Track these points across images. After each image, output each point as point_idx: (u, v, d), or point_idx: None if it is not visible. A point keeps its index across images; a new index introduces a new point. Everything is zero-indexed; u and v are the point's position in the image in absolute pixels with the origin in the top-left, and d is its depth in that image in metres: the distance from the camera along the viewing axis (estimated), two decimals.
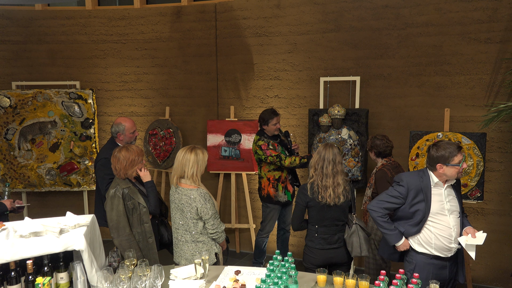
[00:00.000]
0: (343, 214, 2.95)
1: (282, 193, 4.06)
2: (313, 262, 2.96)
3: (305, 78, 4.70)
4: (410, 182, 2.65)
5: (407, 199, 2.65)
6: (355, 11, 4.39)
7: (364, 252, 2.92)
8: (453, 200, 2.66)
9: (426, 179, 2.64)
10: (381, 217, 2.70)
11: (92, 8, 5.28)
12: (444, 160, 2.53)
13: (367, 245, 2.96)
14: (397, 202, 2.69)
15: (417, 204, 2.63)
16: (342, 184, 2.89)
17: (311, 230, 3.00)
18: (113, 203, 2.81)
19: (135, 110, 5.43)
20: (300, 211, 3.01)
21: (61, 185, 5.17)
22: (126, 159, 2.86)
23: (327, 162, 2.90)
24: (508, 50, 3.86)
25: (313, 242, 2.98)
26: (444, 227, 2.60)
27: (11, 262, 2.15)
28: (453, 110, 4.10)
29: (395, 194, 2.69)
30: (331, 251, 2.94)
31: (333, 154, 2.91)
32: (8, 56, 5.29)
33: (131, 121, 3.62)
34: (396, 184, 2.72)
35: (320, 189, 2.88)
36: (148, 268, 2.30)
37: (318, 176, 2.91)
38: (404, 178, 2.68)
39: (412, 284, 2.08)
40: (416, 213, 2.64)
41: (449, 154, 2.52)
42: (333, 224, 2.94)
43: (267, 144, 3.97)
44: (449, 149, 2.52)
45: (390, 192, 2.72)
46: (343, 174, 2.93)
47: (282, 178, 4.04)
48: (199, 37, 5.09)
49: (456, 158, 2.52)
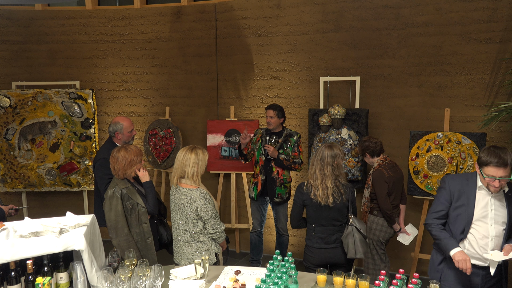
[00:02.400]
0: (340, 214, 2.92)
1: (251, 188, 4.21)
2: (312, 262, 2.97)
3: (305, 78, 4.70)
4: (452, 183, 2.52)
5: (452, 202, 2.50)
6: (355, 11, 4.39)
7: (359, 254, 2.88)
8: (502, 209, 2.42)
9: (472, 182, 2.47)
10: (434, 228, 2.52)
11: (92, 8, 5.28)
12: (480, 163, 2.35)
13: (364, 247, 2.91)
14: (444, 207, 2.53)
15: (459, 208, 2.48)
16: (331, 187, 2.84)
17: (309, 229, 3.01)
18: (111, 203, 2.80)
19: (135, 110, 5.43)
20: (297, 208, 3.01)
21: (61, 185, 5.17)
22: (125, 159, 2.86)
23: (316, 162, 2.90)
24: (508, 50, 3.86)
25: (311, 241, 2.98)
26: (481, 235, 2.43)
27: (11, 262, 2.14)
28: (453, 110, 4.10)
29: (441, 200, 2.54)
30: (329, 251, 2.93)
31: (323, 155, 2.88)
32: (8, 56, 5.28)
33: (128, 120, 3.62)
34: (440, 188, 2.59)
35: (312, 187, 2.89)
36: (148, 268, 2.30)
37: (310, 174, 2.93)
38: (447, 180, 2.55)
39: (412, 284, 2.07)
40: (458, 218, 2.48)
41: (486, 160, 2.32)
42: (331, 224, 2.92)
43: (254, 135, 4.25)
44: (491, 157, 2.30)
45: (436, 198, 2.58)
46: (334, 176, 2.87)
47: (255, 173, 4.18)
48: (199, 37, 5.09)
49: (489, 169, 2.30)
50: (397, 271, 2.29)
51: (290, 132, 4.11)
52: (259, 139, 4.15)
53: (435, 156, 3.96)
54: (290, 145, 4.05)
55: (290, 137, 4.08)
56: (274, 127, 4.06)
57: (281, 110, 4.06)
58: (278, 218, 4.21)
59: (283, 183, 4.08)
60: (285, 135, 4.08)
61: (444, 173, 3.93)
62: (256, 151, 4.16)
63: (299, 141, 4.10)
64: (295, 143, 4.07)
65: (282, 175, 4.07)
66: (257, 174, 4.13)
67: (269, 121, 4.04)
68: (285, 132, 4.09)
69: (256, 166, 4.16)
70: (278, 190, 4.07)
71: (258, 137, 4.18)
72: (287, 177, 4.11)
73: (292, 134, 4.10)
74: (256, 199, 4.17)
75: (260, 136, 4.16)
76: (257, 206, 4.26)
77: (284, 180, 4.08)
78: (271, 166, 4.06)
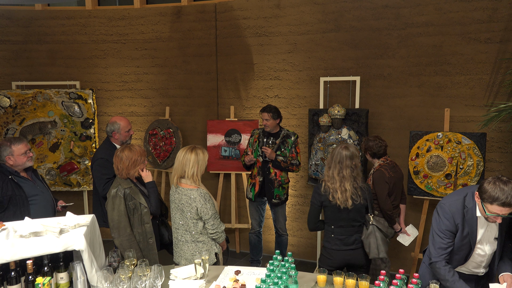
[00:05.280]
0: (359, 215, 2.86)
1: (249, 189, 4.18)
2: (329, 264, 2.86)
3: (305, 78, 4.70)
4: (456, 215, 2.32)
5: (457, 233, 2.34)
6: (355, 11, 4.39)
7: (382, 254, 2.83)
8: (494, 225, 2.33)
9: (471, 211, 2.29)
10: (442, 269, 2.32)
11: (92, 8, 5.28)
12: (484, 198, 2.15)
13: (385, 246, 2.86)
14: (451, 241, 2.36)
15: (465, 238, 2.34)
16: (350, 189, 2.78)
17: (327, 231, 2.91)
18: (114, 203, 2.81)
19: (135, 110, 5.43)
20: (315, 210, 2.92)
21: (61, 185, 5.17)
22: (129, 159, 2.86)
23: (334, 165, 2.81)
24: (508, 50, 3.86)
25: (329, 243, 2.89)
26: (478, 256, 2.38)
27: (11, 262, 2.14)
28: (453, 110, 4.10)
29: (446, 234, 2.34)
30: (348, 252, 2.85)
31: (340, 157, 2.79)
32: (8, 56, 5.29)
33: (126, 120, 3.62)
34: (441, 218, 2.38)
35: (330, 190, 2.81)
36: (148, 268, 2.30)
37: (327, 177, 2.84)
38: (449, 211, 2.34)
39: (412, 284, 2.07)
40: (462, 247, 2.37)
41: (491, 198, 2.10)
42: (349, 225, 2.85)
43: (251, 136, 4.22)
44: (497, 195, 2.09)
45: (439, 231, 2.37)
46: (352, 178, 2.80)
47: (252, 174, 4.15)
48: (199, 37, 5.09)
49: (494, 208, 2.11)
50: (397, 271, 2.29)
51: (288, 132, 4.10)
52: (256, 140, 4.13)
53: (435, 156, 3.96)
54: (287, 146, 4.04)
55: (288, 138, 4.06)
56: (271, 129, 4.05)
57: (276, 111, 4.02)
58: (277, 218, 4.21)
59: (281, 184, 4.07)
60: (283, 136, 4.06)
61: (444, 173, 3.93)
62: (253, 152, 4.15)
63: (296, 142, 4.09)
64: (293, 144, 4.05)
65: (280, 176, 4.06)
66: (255, 175, 4.11)
67: (265, 124, 4.02)
68: (282, 133, 4.07)
69: (254, 167, 4.14)
70: (276, 192, 4.06)
71: (255, 138, 4.15)
72: (285, 178, 4.11)
73: (290, 135, 4.08)
74: (254, 200, 4.17)
75: (257, 137, 4.14)
76: (255, 207, 4.26)
77: (282, 181, 4.07)
78: (268, 168, 4.05)
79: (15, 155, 3.01)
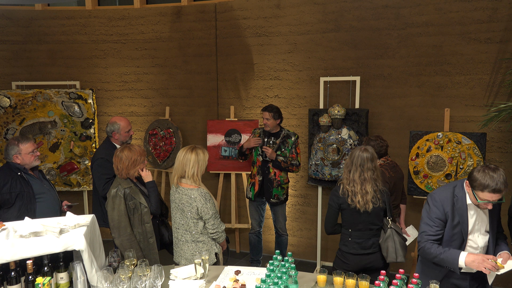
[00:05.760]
0: (378, 218, 2.80)
1: (249, 188, 4.20)
2: (346, 268, 2.77)
3: (305, 78, 4.70)
4: (445, 203, 2.39)
5: (447, 222, 2.39)
6: (355, 11, 4.39)
7: (400, 258, 2.78)
8: (484, 217, 2.39)
9: (461, 199, 2.36)
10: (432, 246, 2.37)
11: (92, 8, 5.28)
12: (474, 186, 2.24)
13: (403, 250, 2.81)
14: (441, 228, 2.41)
15: (456, 227, 2.38)
16: (371, 192, 2.72)
17: (344, 234, 2.86)
18: (114, 202, 2.81)
19: (135, 110, 5.43)
20: (333, 213, 2.86)
21: (61, 185, 5.16)
22: (129, 159, 2.87)
23: (355, 168, 2.77)
24: (508, 50, 3.86)
25: (347, 246, 2.83)
26: (471, 248, 2.40)
27: (11, 262, 2.14)
28: (453, 110, 4.10)
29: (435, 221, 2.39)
30: (365, 256, 2.80)
31: (361, 159, 2.75)
32: (8, 56, 5.28)
33: (126, 120, 3.63)
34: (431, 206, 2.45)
35: (349, 193, 2.77)
36: (148, 268, 2.30)
37: (347, 180, 2.79)
38: (438, 199, 2.41)
39: (412, 284, 2.07)
40: (454, 236, 2.40)
41: (482, 186, 2.20)
42: (367, 229, 2.79)
43: (252, 135, 4.25)
44: (487, 182, 2.18)
45: (428, 218, 2.43)
46: (373, 181, 2.76)
47: (252, 173, 4.18)
48: (199, 37, 5.09)
49: (485, 194, 2.21)
50: (397, 271, 2.29)
51: (288, 132, 4.10)
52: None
53: (435, 156, 3.96)
54: (287, 146, 4.05)
55: (288, 138, 4.07)
56: (271, 128, 4.06)
57: (278, 111, 4.04)
58: (277, 218, 4.21)
59: (280, 184, 4.07)
60: (283, 136, 4.07)
61: (444, 173, 3.93)
62: (254, 151, 4.16)
63: (297, 142, 4.09)
64: (293, 144, 4.06)
65: (279, 176, 4.06)
66: (255, 175, 4.13)
67: (266, 123, 4.04)
68: (282, 132, 4.09)
69: (254, 167, 4.16)
70: (275, 191, 4.06)
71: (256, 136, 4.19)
72: (284, 178, 4.11)
73: (290, 135, 4.09)
74: (253, 200, 4.17)
75: (258, 137, 4.16)
76: (255, 207, 4.26)
77: (281, 181, 4.07)
78: (268, 167, 4.05)
79: (23, 153, 3.05)
